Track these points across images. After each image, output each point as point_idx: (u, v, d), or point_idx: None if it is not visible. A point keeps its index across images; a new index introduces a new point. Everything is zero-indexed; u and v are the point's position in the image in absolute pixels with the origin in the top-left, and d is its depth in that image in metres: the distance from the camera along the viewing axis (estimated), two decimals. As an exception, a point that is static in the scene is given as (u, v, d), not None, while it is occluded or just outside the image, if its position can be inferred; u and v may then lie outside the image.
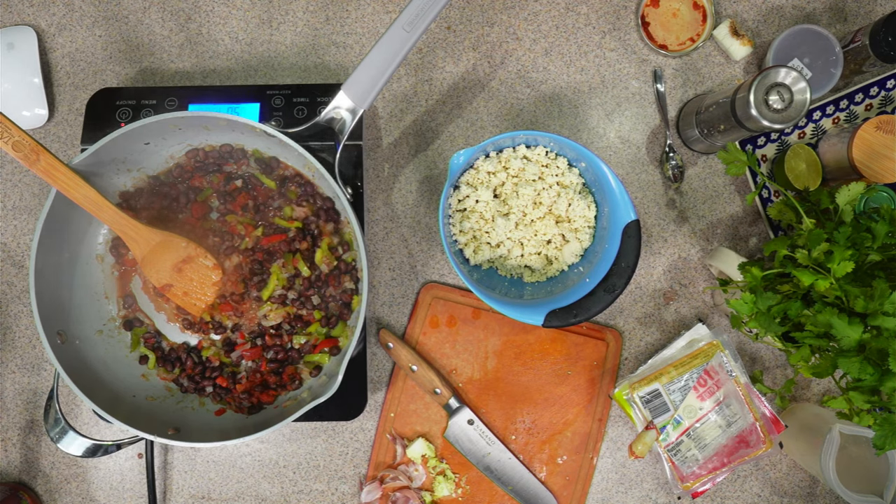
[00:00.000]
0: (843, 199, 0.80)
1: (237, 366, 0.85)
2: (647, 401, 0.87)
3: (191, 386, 0.84)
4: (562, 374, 0.92)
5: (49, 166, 0.71)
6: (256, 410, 0.83)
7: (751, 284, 0.78)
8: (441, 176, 0.95)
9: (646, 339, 0.94)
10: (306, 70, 0.95)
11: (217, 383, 0.83)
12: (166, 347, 0.86)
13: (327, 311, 0.84)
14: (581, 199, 0.85)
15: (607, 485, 0.92)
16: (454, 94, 0.95)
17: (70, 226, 0.80)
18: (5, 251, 0.94)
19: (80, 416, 0.92)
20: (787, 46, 0.90)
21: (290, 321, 0.85)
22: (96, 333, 0.82)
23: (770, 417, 0.87)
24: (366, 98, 0.76)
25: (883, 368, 0.68)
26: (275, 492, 0.92)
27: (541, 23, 0.96)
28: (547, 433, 0.91)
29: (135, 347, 0.84)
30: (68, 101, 0.95)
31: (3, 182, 0.94)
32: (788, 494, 0.93)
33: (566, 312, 0.80)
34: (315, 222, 0.85)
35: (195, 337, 0.86)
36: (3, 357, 0.93)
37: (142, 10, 0.96)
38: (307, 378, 0.84)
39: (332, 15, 0.96)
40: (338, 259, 0.85)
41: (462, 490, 0.91)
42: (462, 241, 0.86)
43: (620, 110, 0.95)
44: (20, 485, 0.91)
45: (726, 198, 0.94)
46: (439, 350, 0.92)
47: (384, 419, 0.91)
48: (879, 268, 0.74)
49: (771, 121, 0.78)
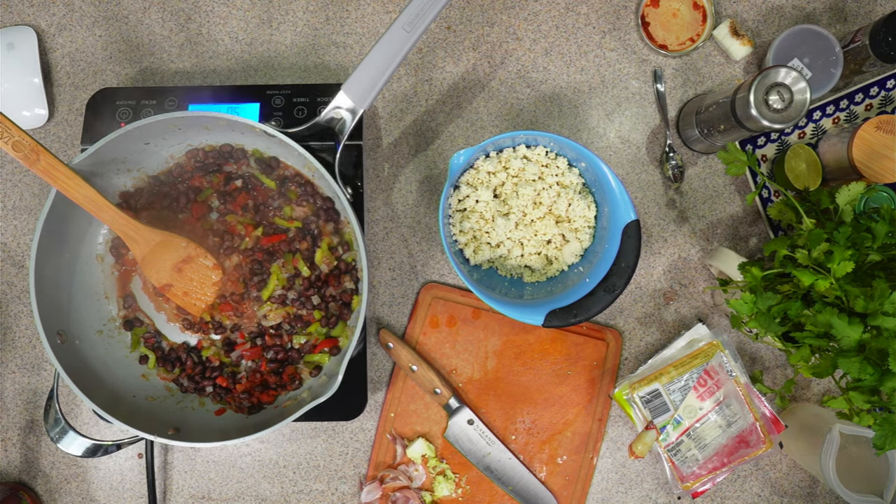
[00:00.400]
0: (843, 199, 0.80)
1: (237, 366, 0.85)
2: (647, 401, 0.87)
3: (191, 386, 0.84)
4: (562, 374, 0.92)
5: (49, 166, 0.71)
6: (256, 410, 0.83)
7: (751, 284, 0.78)
8: (441, 176, 0.95)
9: (646, 339, 0.94)
10: (306, 70, 0.95)
11: (217, 383, 0.83)
12: (166, 347, 0.86)
13: (327, 311, 0.84)
14: (581, 199, 0.85)
15: (607, 485, 0.92)
16: (454, 94, 0.95)
17: (70, 226, 0.80)
18: (5, 251, 0.94)
19: (80, 416, 0.92)
20: (787, 46, 0.90)
21: (290, 321, 0.85)
22: (96, 333, 0.82)
23: (770, 417, 0.87)
24: (366, 98, 0.76)
25: (883, 368, 0.68)
26: (275, 492, 0.92)
27: (541, 23, 0.96)
28: (547, 433, 0.91)
29: (135, 347, 0.84)
30: (68, 101, 0.95)
31: (3, 182, 0.94)
32: (788, 494, 0.93)
33: (566, 312, 0.80)
34: (315, 222, 0.85)
35: (195, 337, 0.86)
36: (3, 357, 0.93)
37: (142, 10, 0.96)
38: (307, 378, 0.84)
39: (332, 15, 0.96)
40: (338, 259, 0.85)
41: (462, 490, 0.91)
42: (462, 241, 0.86)
43: (620, 110, 0.95)
44: (20, 485, 0.91)
45: (726, 198, 0.94)
46: (439, 350, 0.92)
47: (384, 419, 0.91)
48: (879, 268, 0.74)
49: (771, 121, 0.78)
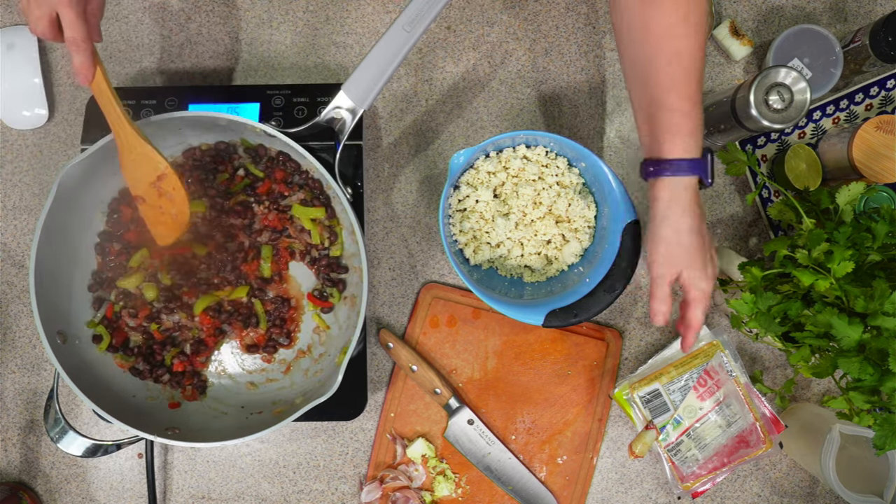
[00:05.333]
0: (843, 199, 0.80)
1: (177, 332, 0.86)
2: (647, 401, 0.87)
3: (147, 370, 0.84)
4: (562, 374, 0.92)
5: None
6: (202, 390, 0.86)
7: (751, 284, 0.78)
8: (441, 176, 0.95)
9: (646, 339, 0.94)
10: (306, 70, 0.95)
11: (174, 370, 0.84)
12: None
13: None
14: (581, 199, 0.85)
15: (607, 485, 0.92)
16: (454, 94, 0.95)
17: (70, 226, 0.80)
18: (5, 251, 0.94)
19: (80, 416, 0.92)
20: (787, 46, 0.90)
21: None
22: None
23: (770, 417, 0.87)
24: (366, 98, 0.76)
25: (883, 368, 0.68)
26: (275, 492, 0.92)
27: (541, 23, 0.96)
28: (547, 433, 0.91)
29: (91, 326, 0.83)
30: (68, 101, 0.95)
31: (3, 182, 0.94)
32: (788, 494, 0.93)
33: (566, 312, 0.80)
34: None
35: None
36: (3, 357, 0.93)
37: (142, 10, 0.96)
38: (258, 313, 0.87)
39: (332, 15, 0.96)
40: (320, 252, 0.87)
41: (462, 490, 0.91)
42: (462, 241, 0.86)
43: (620, 110, 0.95)
44: (20, 485, 0.91)
45: (726, 198, 0.94)
46: (439, 350, 0.92)
47: (384, 419, 0.91)
48: (879, 268, 0.74)
49: (771, 121, 0.78)
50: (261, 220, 0.86)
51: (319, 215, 0.85)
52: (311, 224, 0.85)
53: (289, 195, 0.85)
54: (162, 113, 0.76)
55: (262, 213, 0.86)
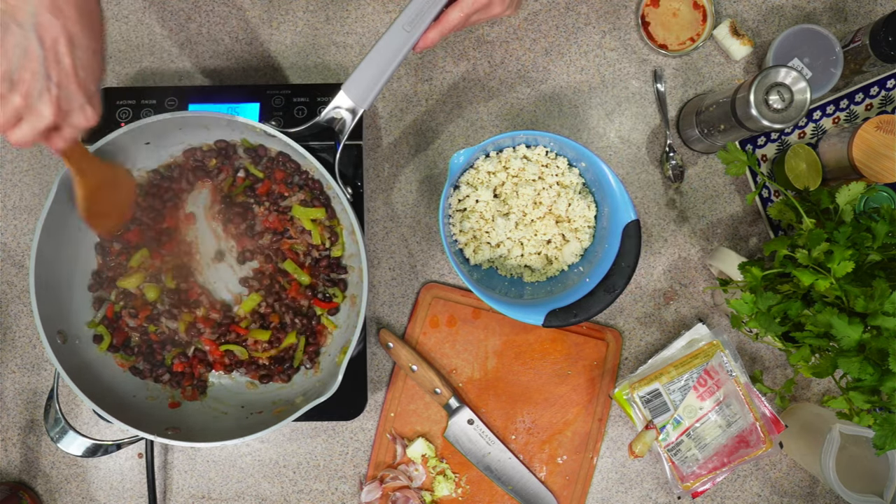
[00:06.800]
0: (843, 199, 0.80)
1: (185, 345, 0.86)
2: (647, 401, 0.87)
3: (147, 369, 0.84)
4: (562, 374, 0.92)
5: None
6: (202, 389, 0.85)
7: (751, 284, 0.78)
8: (441, 176, 0.95)
9: (646, 339, 0.94)
10: (306, 70, 0.95)
11: (174, 370, 0.84)
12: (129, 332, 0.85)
13: (291, 322, 0.86)
14: (581, 198, 0.85)
15: (607, 484, 0.92)
16: (454, 94, 0.95)
17: (70, 226, 0.80)
18: (5, 251, 0.94)
19: (80, 416, 0.92)
20: (787, 46, 0.90)
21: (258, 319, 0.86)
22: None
23: (770, 417, 0.87)
24: (366, 98, 0.76)
25: (883, 368, 0.68)
26: (275, 492, 0.92)
27: (541, 23, 0.96)
28: (547, 433, 0.91)
29: (93, 326, 0.83)
30: (68, 101, 0.95)
31: (3, 182, 0.94)
32: (788, 494, 0.93)
33: (566, 312, 0.80)
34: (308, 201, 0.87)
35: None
36: (3, 357, 0.93)
37: (142, 9, 0.96)
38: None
39: (332, 15, 0.96)
40: (320, 253, 0.86)
41: (462, 490, 0.91)
42: (462, 240, 0.86)
43: (620, 110, 0.95)
44: (20, 485, 0.91)
45: (726, 198, 0.94)
46: (439, 350, 0.92)
47: (384, 419, 0.91)
48: (879, 268, 0.74)
49: (771, 121, 0.78)
50: (262, 223, 0.86)
51: (320, 216, 0.85)
52: (312, 225, 0.85)
53: (289, 196, 0.85)
54: (162, 113, 0.76)
55: (262, 215, 0.85)
